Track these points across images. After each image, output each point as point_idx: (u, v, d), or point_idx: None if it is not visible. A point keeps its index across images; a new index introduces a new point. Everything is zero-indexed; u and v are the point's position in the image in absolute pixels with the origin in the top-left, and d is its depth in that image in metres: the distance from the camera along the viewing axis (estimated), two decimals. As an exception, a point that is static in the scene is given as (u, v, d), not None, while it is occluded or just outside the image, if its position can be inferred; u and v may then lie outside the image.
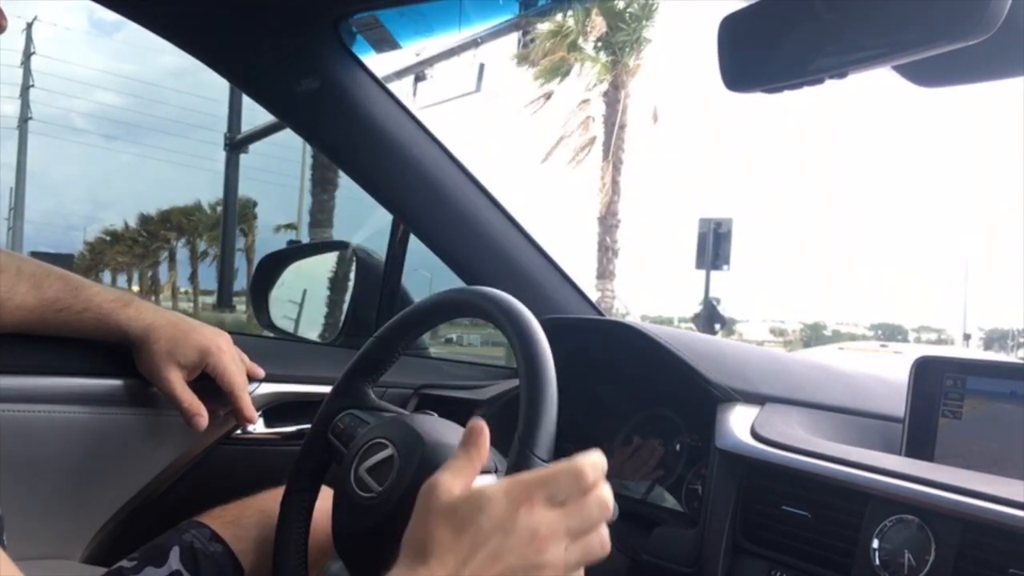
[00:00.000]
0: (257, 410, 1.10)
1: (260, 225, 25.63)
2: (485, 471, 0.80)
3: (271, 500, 0.96)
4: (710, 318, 11.04)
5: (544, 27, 13.33)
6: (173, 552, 0.94)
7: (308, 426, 0.94)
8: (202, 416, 1.01)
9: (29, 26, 24.88)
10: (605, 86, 14.02)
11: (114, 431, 1.03)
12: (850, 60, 0.63)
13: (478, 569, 0.56)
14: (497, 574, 0.57)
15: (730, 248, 11.37)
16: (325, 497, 0.91)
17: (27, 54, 24.98)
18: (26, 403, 0.98)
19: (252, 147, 12.93)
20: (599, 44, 13.90)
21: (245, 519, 0.99)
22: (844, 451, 0.80)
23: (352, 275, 1.49)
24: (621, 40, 13.57)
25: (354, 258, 1.48)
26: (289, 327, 1.55)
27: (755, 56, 0.70)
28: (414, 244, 1.36)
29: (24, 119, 24.34)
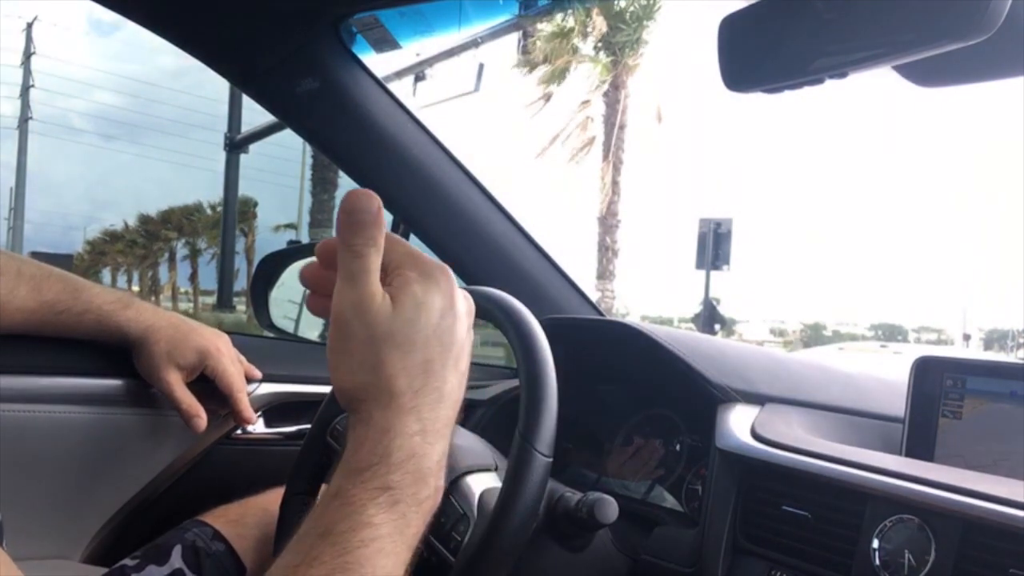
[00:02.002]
0: (257, 410, 1.10)
1: (260, 225, 25.68)
2: (485, 468, 0.80)
3: (274, 500, 0.96)
4: (710, 318, 11.05)
5: (545, 27, 13.34)
6: (175, 551, 0.94)
7: (308, 426, 0.94)
8: (201, 417, 1.01)
9: (29, 26, 24.91)
10: (605, 86, 14.03)
11: (114, 431, 1.03)
12: (850, 60, 0.63)
13: (440, 371, 0.51)
14: (451, 357, 0.52)
15: (730, 248, 11.37)
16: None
17: (27, 54, 25.01)
18: (26, 403, 0.98)
19: (252, 147, 12.95)
20: (599, 44, 13.91)
21: (248, 518, 0.99)
22: (844, 451, 0.80)
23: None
24: (621, 40, 13.57)
25: (354, 258, 1.48)
26: (289, 327, 1.55)
27: (755, 56, 0.70)
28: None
29: (24, 119, 24.38)
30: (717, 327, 11.12)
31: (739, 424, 0.89)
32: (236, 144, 12.40)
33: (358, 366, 0.50)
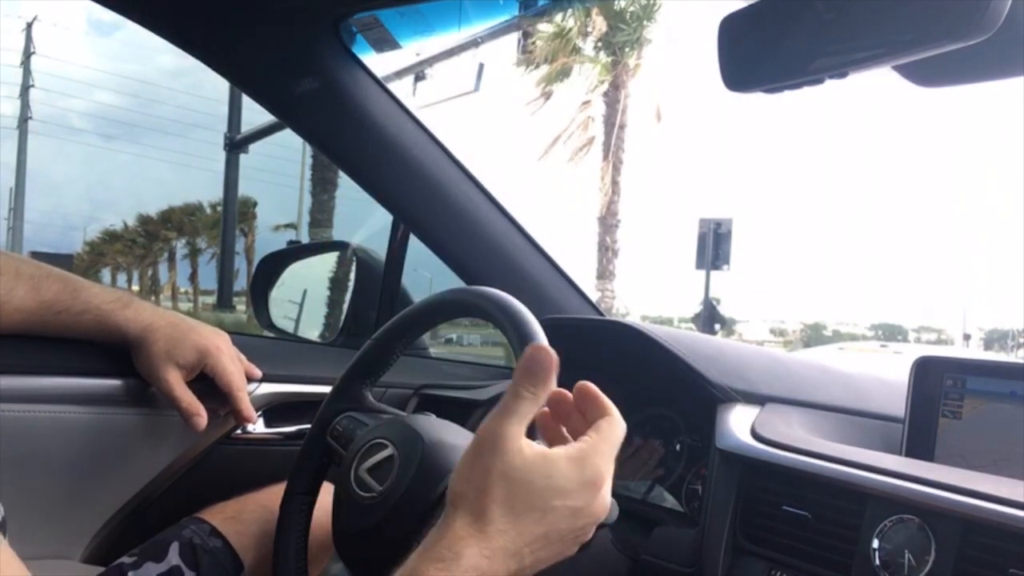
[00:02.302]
0: (257, 410, 1.10)
1: (260, 225, 25.68)
2: None
3: (272, 496, 0.96)
4: (710, 318, 11.06)
5: (545, 27, 13.34)
6: (173, 548, 0.94)
7: (308, 426, 0.94)
8: (201, 416, 1.00)
9: (29, 26, 24.91)
10: (605, 86, 14.02)
11: (114, 431, 1.03)
12: (850, 60, 0.63)
13: (534, 529, 0.56)
14: (554, 531, 0.57)
15: (730, 248, 11.38)
16: (326, 494, 0.91)
17: (27, 54, 25.00)
18: (26, 403, 0.97)
19: (252, 147, 12.94)
20: (599, 44, 13.91)
21: (245, 515, 0.99)
22: (844, 451, 0.80)
23: (352, 275, 1.49)
24: (621, 40, 13.57)
25: (354, 258, 1.48)
26: (289, 327, 1.55)
27: (755, 56, 0.70)
28: (414, 244, 1.36)
29: (24, 119, 24.36)
30: (717, 327, 11.13)
31: (739, 424, 0.89)
32: (236, 144, 12.40)
33: (471, 479, 0.56)
